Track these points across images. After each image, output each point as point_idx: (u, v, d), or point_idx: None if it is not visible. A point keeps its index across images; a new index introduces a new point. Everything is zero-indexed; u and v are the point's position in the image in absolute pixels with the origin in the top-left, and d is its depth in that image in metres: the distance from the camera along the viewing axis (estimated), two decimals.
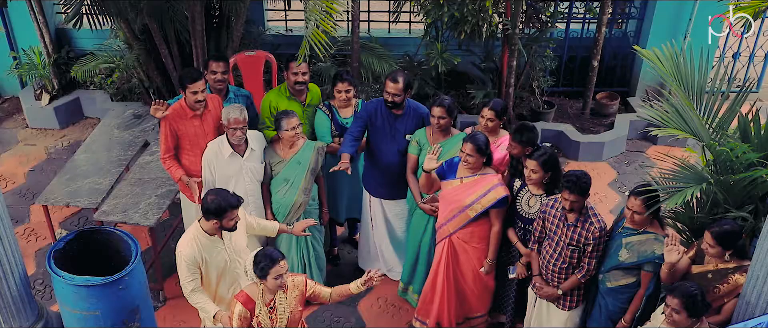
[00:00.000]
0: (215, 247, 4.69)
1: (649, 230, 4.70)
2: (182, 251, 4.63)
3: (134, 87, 8.42)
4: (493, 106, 5.44)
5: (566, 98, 8.79)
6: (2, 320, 4.92)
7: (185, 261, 4.61)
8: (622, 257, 4.72)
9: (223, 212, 4.51)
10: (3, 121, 8.77)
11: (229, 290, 4.89)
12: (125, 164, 6.58)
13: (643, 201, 4.58)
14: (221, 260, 4.73)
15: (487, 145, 5.12)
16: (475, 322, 5.79)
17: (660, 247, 4.60)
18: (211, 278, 4.79)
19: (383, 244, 6.29)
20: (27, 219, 7.24)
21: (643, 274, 4.70)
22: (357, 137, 5.67)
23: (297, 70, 5.78)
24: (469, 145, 5.07)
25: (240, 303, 4.35)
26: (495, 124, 5.46)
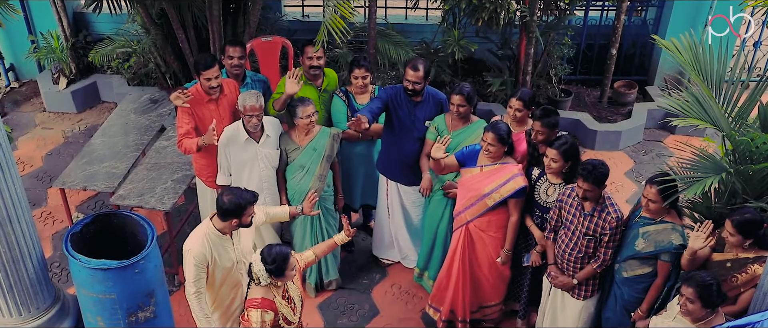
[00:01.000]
0: (225, 246, 4.63)
1: (666, 220, 4.66)
2: (192, 248, 4.55)
3: (151, 72, 8.44)
4: (520, 96, 5.38)
5: (583, 87, 8.72)
6: (20, 301, 4.97)
7: (195, 259, 4.53)
8: (638, 246, 4.69)
9: (243, 209, 4.48)
10: (21, 105, 8.82)
11: (230, 295, 4.82)
12: (142, 148, 6.61)
13: (659, 190, 4.54)
14: (228, 260, 4.67)
15: (508, 135, 5.09)
16: (489, 311, 5.79)
17: (677, 237, 4.57)
18: (216, 279, 4.72)
19: (399, 232, 6.29)
20: (44, 202, 7.29)
21: (660, 264, 4.67)
22: (374, 113, 5.57)
23: (312, 54, 5.76)
24: (491, 134, 5.04)
25: (260, 310, 4.30)
26: (523, 115, 5.40)
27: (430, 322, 5.95)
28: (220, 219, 4.55)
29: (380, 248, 6.52)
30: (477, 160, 5.25)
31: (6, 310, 4.99)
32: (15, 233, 4.71)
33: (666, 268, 4.67)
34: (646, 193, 4.62)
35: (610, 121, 8.18)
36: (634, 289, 4.83)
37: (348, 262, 6.57)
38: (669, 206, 4.63)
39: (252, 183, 5.58)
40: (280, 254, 4.26)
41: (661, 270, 4.69)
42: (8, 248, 4.72)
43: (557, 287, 5.12)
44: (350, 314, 6.11)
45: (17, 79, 9.21)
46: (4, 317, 5.03)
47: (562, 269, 5.05)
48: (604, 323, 5.16)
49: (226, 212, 4.48)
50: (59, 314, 5.26)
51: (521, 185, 5.09)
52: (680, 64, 5.08)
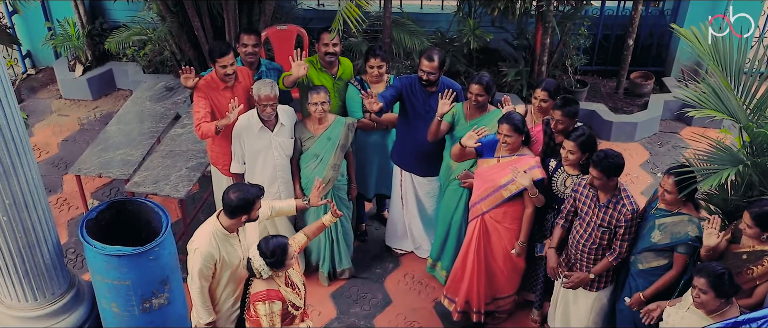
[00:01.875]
0: (232, 244, 4.58)
1: (683, 212, 4.63)
2: (200, 247, 4.49)
3: (166, 59, 8.46)
4: (546, 87, 5.35)
5: (600, 77, 8.66)
6: (35, 287, 5.01)
7: (202, 258, 4.48)
8: (654, 238, 4.66)
9: (252, 204, 4.43)
10: (37, 92, 8.87)
11: (232, 298, 4.76)
12: (157, 136, 6.63)
13: (676, 181, 4.51)
14: (236, 258, 4.62)
15: (523, 124, 5.07)
16: (502, 302, 5.78)
17: (693, 229, 4.54)
18: (222, 279, 4.67)
19: (413, 222, 6.28)
20: (60, 189, 7.34)
21: (676, 256, 4.64)
22: (387, 101, 5.57)
23: (328, 41, 5.75)
24: (505, 125, 5.02)
25: (268, 302, 4.30)
26: (548, 105, 5.36)
27: (443, 312, 5.95)
28: (228, 217, 4.48)
29: (393, 238, 6.52)
30: (495, 151, 5.23)
31: (21, 295, 5.03)
32: (31, 219, 4.74)
33: (682, 260, 4.64)
34: (663, 183, 4.60)
35: (626, 112, 8.12)
36: (649, 281, 4.80)
37: (361, 251, 6.58)
38: (685, 198, 4.60)
39: (266, 172, 5.59)
40: (278, 246, 4.23)
41: (677, 262, 4.66)
42: (24, 233, 4.75)
43: (575, 286, 5.07)
44: (363, 303, 6.12)
45: (34, 65, 9.26)
46: (20, 302, 5.07)
47: (576, 260, 5.02)
48: (618, 314, 5.14)
49: (235, 209, 4.42)
50: (74, 300, 5.29)
51: (538, 177, 5.06)
52: (698, 55, 5.03)
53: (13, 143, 4.47)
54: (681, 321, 4.28)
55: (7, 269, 4.89)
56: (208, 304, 4.70)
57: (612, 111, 8.09)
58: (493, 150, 5.24)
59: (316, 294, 6.15)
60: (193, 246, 4.53)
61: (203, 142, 6.13)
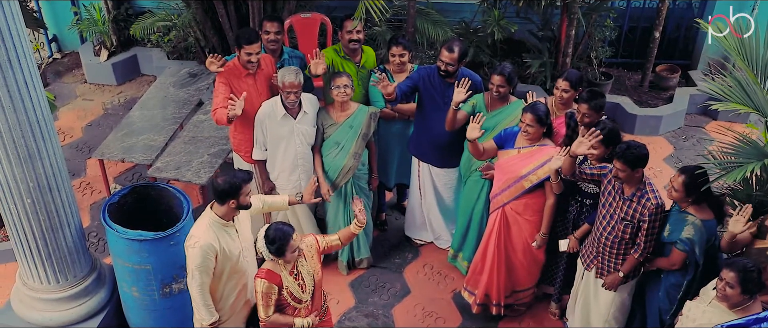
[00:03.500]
0: (229, 234, 4.50)
1: (689, 211, 4.60)
2: (199, 239, 4.37)
3: (190, 46, 8.49)
4: (567, 76, 5.29)
5: (625, 70, 8.58)
6: (58, 269, 5.06)
7: (202, 251, 4.35)
8: (665, 232, 4.67)
9: (239, 188, 4.33)
10: (62, 76, 8.94)
11: (235, 292, 4.68)
12: (179, 121, 6.66)
13: (685, 182, 4.48)
14: (235, 248, 4.54)
15: (547, 115, 5.03)
16: (522, 295, 5.75)
17: (689, 230, 4.54)
18: (223, 273, 4.55)
19: (432, 212, 6.27)
20: (83, 173, 7.40)
21: (674, 250, 4.63)
22: (403, 92, 5.57)
23: (352, 28, 5.74)
24: (529, 115, 4.98)
25: (264, 280, 4.30)
26: (570, 96, 5.31)
27: (462, 303, 5.94)
28: (219, 203, 4.42)
29: (413, 228, 6.51)
30: (515, 142, 5.20)
31: (44, 277, 5.09)
32: (54, 202, 4.79)
33: (679, 256, 4.62)
34: (673, 180, 4.59)
35: (651, 105, 8.04)
36: (674, 274, 4.77)
37: (380, 241, 6.58)
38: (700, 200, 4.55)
39: (287, 159, 5.60)
40: (279, 235, 4.20)
41: (673, 256, 4.65)
42: (48, 216, 4.80)
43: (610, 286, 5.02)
44: (381, 293, 6.12)
45: (60, 50, 9.34)
46: (42, 284, 5.13)
47: (598, 253, 4.98)
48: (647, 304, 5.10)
49: (222, 194, 4.35)
50: (95, 283, 5.35)
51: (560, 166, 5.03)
52: (725, 49, 4.96)
53: (39, 127, 4.52)
54: (702, 315, 4.25)
55: (31, 252, 4.95)
56: (209, 302, 4.57)
57: (636, 104, 8.01)
58: (513, 141, 5.21)
59: (335, 283, 6.16)
60: (192, 241, 4.41)
61: (225, 128, 6.15)
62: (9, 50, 4.18)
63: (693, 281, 4.70)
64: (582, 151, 4.69)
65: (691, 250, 4.55)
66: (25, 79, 4.33)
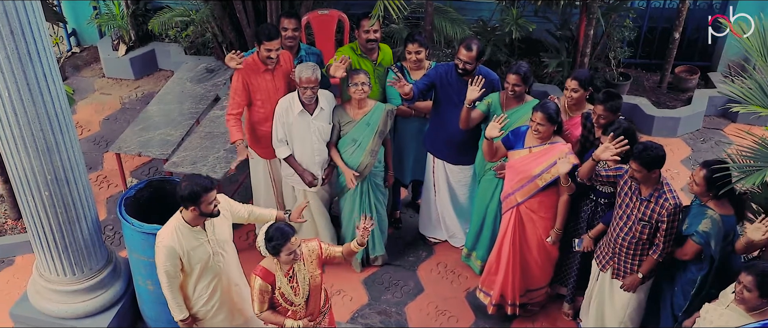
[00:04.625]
0: (197, 239, 4.48)
1: (709, 206, 4.58)
2: (162, 240, 4.43)
3: (208, 41, 8.52)
4: (576, 76, 5.26)
5: (643, 71, 8.51)
6: (74, 262, 5.10)
7: (164, 251, 4.41)
8: (684, 226, 4.65)
9: (198, 196, 4.28)
10: (81, 70, 9.00)
11: (209, 287, 4.67)
12: (196, 117, 6.69)
13: (706, 177, 4.46)
14: (204, 253, 4.52)
15: (557, 114, 5.00)
16: (535, 294, 5.74)
17: (706, 223, 4.51)
18: (192, 273, 4.58)
19: (445, 210, 6.26)
20: (100, 166, 7.45)
21: (689, 242, 4.60)
22: (420, 90, 5.58)
23: (369, 28, 5.74)
24: (539, 114, 4.96)
25: (259, 278, 4.29)
26: (579, 96, 5.29)
27: (475, 302, 5.93)
28: (183, 208, 4.42)
29: (427, 226, 6.50)
30: (524, 141, 5.18)
31: (61, 269, 5.13)
32: (71, 195, 4.83)
33: (692, 248, 4.60)
34: (694, 174, 4.58)
35: (669, 107, 7.98)
36: (690, 270, 4.75)
37: (395, 238, 6.57)
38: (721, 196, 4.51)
39: (304, 155, 5.61)
40: (277, 234, 4.15)
41: (687, 246, 4.63)
42: (65, 209, 4.84)
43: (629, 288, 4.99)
44: (395, 290, 6.12)
45: (78, 44, 9.40)
46: (59, 276, 5.17)
47: (614, 253, 4.95)
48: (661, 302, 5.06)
49: (182, 199, 4.34)
50: (111, 275, 5.38)
51: (573, 163, 5.00)
52: (746, 50, 4.91)
53: (57, 120, 4.55)
54: (719, 318, 4.22)
55: (48, 244, 4.99)
56: (179, 300, 4.63)
57: (654, 105, 7.95)
58: (522, 141, 5.19)
59: (348, 280, 6.17)
60: (157, 240, 4.47)
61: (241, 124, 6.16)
62: (29, 43, 4.22)
63: (708, 276, 4.66)
64: (606, 157, 4.66)
65: (706, 243, 4.52)
66: (44, 73, 4.36)
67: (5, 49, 4.15)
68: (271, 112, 5.59)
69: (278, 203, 6.10)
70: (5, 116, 4.42)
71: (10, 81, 4.26)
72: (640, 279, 4.89)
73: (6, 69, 4.22)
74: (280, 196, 6.09)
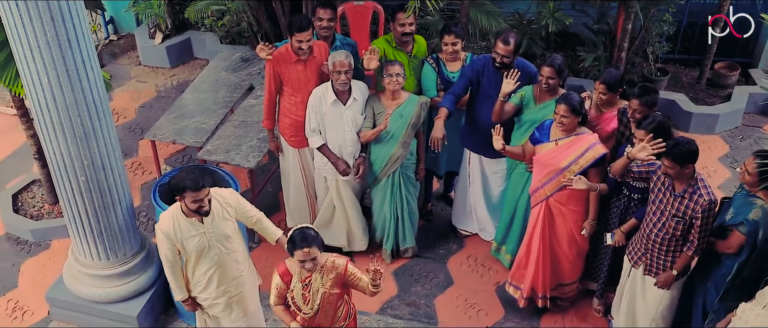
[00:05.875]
0: (191, 230, 4.50)
1: (759, 195, 4.51)
2: (159, 225, 4.52)
3: (243, 31, 8.55)
4: (604, 80, 5.18)
5: (681, 66, 8.38)
6: (108, 246, 5.16)
7: (161, 235, 4.51)
8: (728, 215, 4.58)
9: (181, 190, 4.32)
10: (118, 58, 9.10)
11: (206, 276, 4.68)
12: (230, 105, 6.72)
13: (759, 165, 4.41)
14: (199, 244, 4.54)
15: (581, 105, 4.96)
16: (567, 289, 5.69)
17: (756, 212, 4.46)
18: (190, 257, 4.63)
19: (477, 203, 6.23)
20: (135, 153, 7.53)
21: (735, 234, 4.53)
22: (459, 95, 5.60)
23: (404, 21, 5.72)
24: (563, 106, 4.93)
25: (277, 274, 4.31)
26: (609, 97, 5.23)
27: (504, 296, 5.90)
28: None
29: (460, 217, 6.48)
30: (550, 134, 5.13)
31: (95, 254, 5.20)
32: (107, 181, 4.89)
33: (737, 239, 4.53)
34: (747, 163, 4.53)
35: (708, 103, 7.85)
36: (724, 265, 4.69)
37: (425, 231, 6.56)
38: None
39: (335, 145, 5.62)
40: (298, 237, 4.11)
41: (732, 238, 4.55)
42: (100, 194, 4.90)
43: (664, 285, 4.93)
44: (424, 283, 6.11)
45: (116, 32, 9.50)
46: (93, 260, 5.25)
47: (647, 249, 4.88)
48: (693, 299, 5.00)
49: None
50: (144, 261, 5.45)
51: (601, 153, 4.96)
52: None
53: (94, 106, 4.61)
54: (756, 318, 4.14)
55: (83, 229, 5.06)
56: (179, 283, 4.72)
57: (692, 101, 7.83)
58: (548, 134, 5.15)
59: None
60: (157, 225, 4.57)
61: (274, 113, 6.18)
62: (68, 30, 4.27)
63: (745, 264, 4.58)
64: (643, 157, 4.60)
65: (754, 232, 4.45)
66: (83, 59, 4.42)
67: (45, 35, 4.21)
68: (302, 102, 5.61)
69: (307, 192, 6.12)
70: (45, 102, 4.49)
71: (49, 67, 4.32)
72: (675, 276, 4.83)
73: (46, 55, 4.28)
74: (311, 186, 6.10)
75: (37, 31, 4.20)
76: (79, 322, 5.63)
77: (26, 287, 6.05)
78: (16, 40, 4.30)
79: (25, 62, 4.37)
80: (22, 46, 4.29)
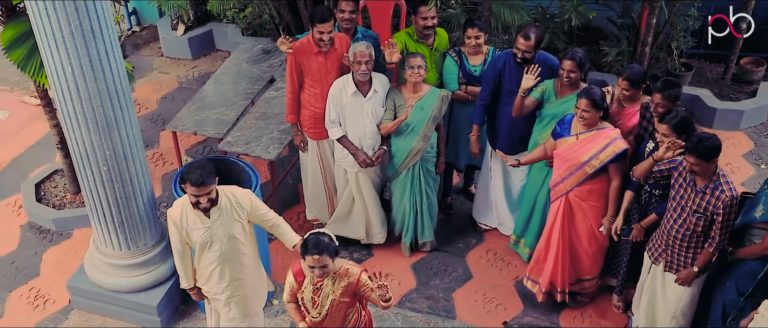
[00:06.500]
0: (197, 222, 4.50)
1: None
2: (171, 211, 4.56)
3: (265, 22, 8.56)
4: (627, 76, 5.13)
5: (706, 62, 8.27)
6: (129, 236, 5.20)
7: (169, 222, 4.56)
8: (757, 213, 4.49)
9: (184, 182, 4.33)
10: (140, 49, 9.15)
11: (208, 270, 4.67)
12: (251, 97, 6.74)
13: None
14: (201, 237, 4.52)
15: (603, 100, 4.93)
16: (587, 284, 5.66)
17: None
18: (195, 248, 4.64)
19: (498, 196, 6.21)
20: (156, 144, 7.57)
21: None
22: (488, 103, 5.66)
23: (426, 14, 5.70)
24: (584, 100, 4.90)
25: (292, 273, 4.30)
26: (631, 93, 5.18)
27: (523, 291, 5.88)
28: None
29: (480, 211, 6.46)
30: (571, 128, 5.10)
31: (116, 243, 5.24)
32: (129, 171, 4.92)
33: None
34: None
35: (733, 99, 7.75)
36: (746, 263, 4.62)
37: (444, 224, 6.55)
38: None
39: (355, 137, 5.62)
40: (312, 242, 4.04)
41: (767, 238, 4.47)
42: (122, 184, 4.94)
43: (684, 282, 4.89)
44: (443, 276, 6.10)
45: (139, 23, 9.55)
46: (114, 250, 5.29)
47: (668, 246, 4.84)
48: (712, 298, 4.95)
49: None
50: (164, 251, 5.48)
51: (622, 148, 4.92)
52: None
53: (117, 96, 4.64)
54: None
55: (105, 218, 5.10)
56: (187, 272, 4.74)
57: (717, 97, 7.74)
58: (569, 128, 5.11)
59: (397, 264, 6.17)
60: (168, 211, 4.61)
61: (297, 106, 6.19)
62: (92, 20, 4.30)
63: None
64: (668, 157, 4.56)
65: None
66: (106, 50, 4.45)
67: (70, 26, 4.24)
68: (321, 94, 5.62)
69: (325, 184, 6.12)
70: (68, 92, 4.52)
71: (73, 57, 4.36)
72: (696, 273, 4.78)
73: (70, 45, 4.32)
74: (329, 179, 6.10)
75: (61, 22, 4.23)
76: (99, 311, 5.68)
77: (48, 275, 6.11)
78: (41, 30, 4.34)
79: (50, 53, 4.41)
80: (47, 36, 4.33)
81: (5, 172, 7.20)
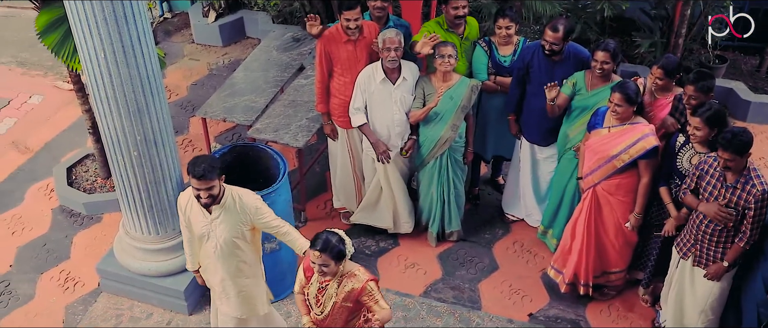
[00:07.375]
0: (199, 214, 4.44)
1: None
2: (181, 195, 4.57)
3: (295, 10, 8.59)
4: (662, 65, 5.07)
5: (741, 54, 8.15)
6: (158, 221, 5.25)
7: (178, 205, 4.57)
8: None
9: (188, 172, 4.25)
10: (172, 35, 9.22)
11: (205, 260, 4.66)
12: (280, 85, 6.76)
13: None
14: (200, 229, 4.48)
15: (637, 94, 4.87)
16: (612, 277, 5.62)
17: None
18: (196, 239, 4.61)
19: (526, 187, 6.19)
20: (186, 130, 7.64)
21: None
22: (518, 94, 5.67)
23: (457, 4, 5.66)
24: (618, 94, 4.85)
25: (302, 267, 4.24)
26: (665, 83, 5.11)
27: (549, 283, 5.86)
28: None
29: (509, 202, 6.45)
30: (604, 121, 5.05)
31: (145, 228, 5.29)
32: (158, 156, 4.97)
33: None
34: None
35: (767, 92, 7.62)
36: None
37: (472, 215, 6.53)
38: None
39: (383, 125, 5.61)
40: (319, 240, 3.95)
41: None
42: (152, 169, 4.98)
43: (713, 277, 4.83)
44: (469, 267, 6.09)
45: (170, 10, 9.62)
46: (143, 234, 5.34)
47: (697, 241, 4.78)
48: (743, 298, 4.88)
49: None
50: None
51: (652, 145, 4.87)
52: None
53: (148, 82, 4.68)
54: None
55: (134, 203, 5.16)
56: (192, 254, 4.75)
57: (751, 90, 7.61)
58: (602, 120, 5.07)
59: (423, 254, 6.17)
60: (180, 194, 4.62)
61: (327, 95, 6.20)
62: (125, 6, 4.33)
63: None
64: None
65: None
66: (138, 35, 4.48)
67: (103, 11, 4.28)
68: (351, 83, 5.61)
69: (354, 173, 6.12)
70: (100, 77, 4.57)
71: (106, 42, 4.40)
72: (725, 268, 4.72)
73: (103, 31, 4.36)
74: (358, 167, 6.11)
75: (95, 7, 4.27)
76: (128, 294, 5.75)
77: (78, 258, 6.20)
78: (75, 16, 4.38)
79: (83, 38, 4.45)
80: (81, 22, 4.37)
81: (38, 156, 7.31)
